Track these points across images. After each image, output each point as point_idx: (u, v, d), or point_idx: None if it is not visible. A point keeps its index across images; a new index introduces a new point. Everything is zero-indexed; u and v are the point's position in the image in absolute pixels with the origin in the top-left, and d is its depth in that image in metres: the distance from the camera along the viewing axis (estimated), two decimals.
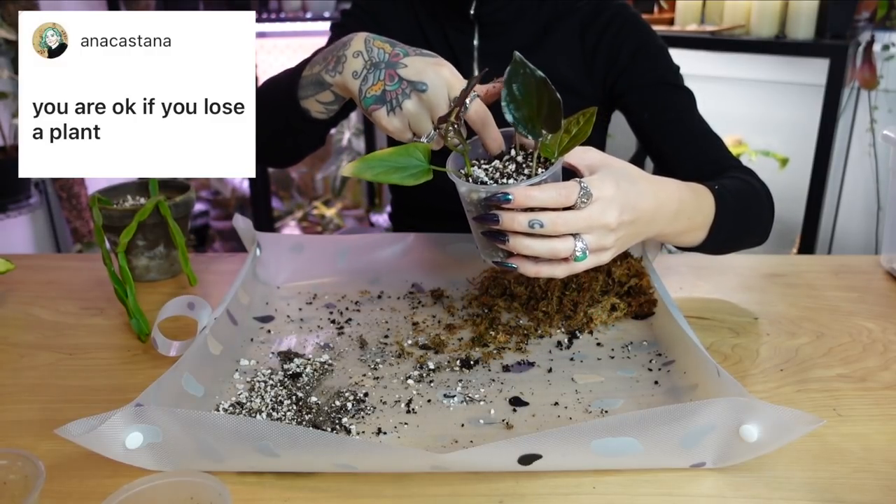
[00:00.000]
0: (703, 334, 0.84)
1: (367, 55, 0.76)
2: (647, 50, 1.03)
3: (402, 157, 0.69)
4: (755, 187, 0.90)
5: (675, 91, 1.01)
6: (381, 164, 0.68)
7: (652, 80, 1.01)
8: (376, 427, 0.67)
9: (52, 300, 0.94)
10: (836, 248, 2.56)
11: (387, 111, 0.73)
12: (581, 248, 0.65)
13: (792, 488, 0.59)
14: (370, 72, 0.75)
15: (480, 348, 0.80)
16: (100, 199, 0.96)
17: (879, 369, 0.77)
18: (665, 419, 0.57)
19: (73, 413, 0.63)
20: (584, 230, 0.65)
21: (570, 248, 0.65)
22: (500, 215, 0.64)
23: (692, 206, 0.77)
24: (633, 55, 1.02)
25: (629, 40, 1.03)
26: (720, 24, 2.31)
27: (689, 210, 0.76)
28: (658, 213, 0.71)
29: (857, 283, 0.97)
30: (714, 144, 0.98)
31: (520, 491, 0.59)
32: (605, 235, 0.66)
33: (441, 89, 0.71)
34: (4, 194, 2.14)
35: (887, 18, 2.31)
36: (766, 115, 2.58)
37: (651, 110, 1.01)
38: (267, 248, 0.95)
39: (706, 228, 0.80)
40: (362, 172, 0.68)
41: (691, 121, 1.00)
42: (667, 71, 1.02)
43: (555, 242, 0.65)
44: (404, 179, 0.68)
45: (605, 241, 0.66)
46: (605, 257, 0.68)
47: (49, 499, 0.58)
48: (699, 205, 0.78)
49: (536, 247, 0.65)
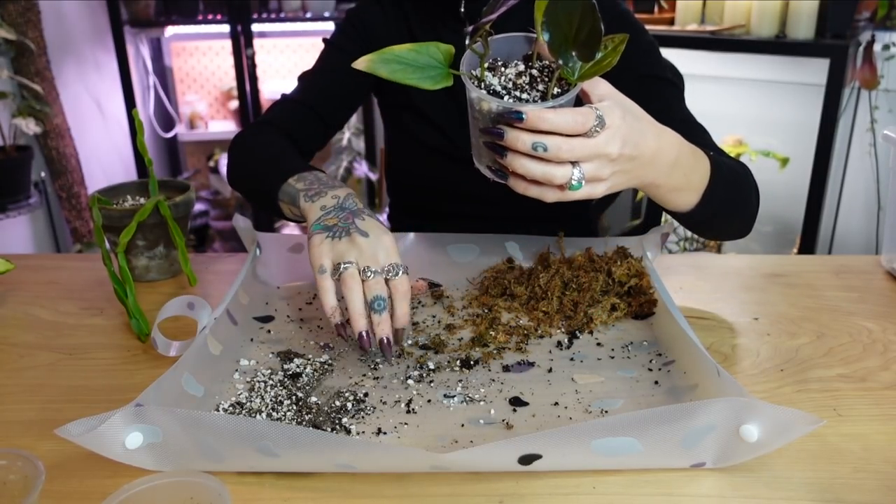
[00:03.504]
0: (703, 334, 0.84)
1: (342, 201, 0.80)
2: (634, 45, 1.02)
3: (422, 55, 0.64)
4: (746, 172, 0.90)
5: (660, 83, 1.01)
6: (399, 62, 0.64)
7: (639, 73, 1.01)
8: (376, 427, 0.67)
9: (52, 300, 0.94)
10: (836, 248, 2.56)
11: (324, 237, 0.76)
12: (578, 176, 0.64)
13: (792, 488, 0.59)
14: (335, 210, 0.79)
15: (480, 348, 0.80)
16: (100, 199, 0.96)
17: (879, 369, 0.77)
18: (665, 419, 0.57)
19: (73, 413, 0.63)
20: (586, 158, 0.64)
21: (567, 176, 0.64)
22: (507, 132, 0.63)
23: (689, 163, 0.76)
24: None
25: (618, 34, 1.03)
26: (720, 24, 2.31)
27: (685, 165, 0.75)
28: (657, 158, 0.71)
29: (858, 283, 0.97)
30: (699, 135, 0.97)
31: (520, 491, 0.59)
32: (603, 166, 0.66)
33: (376, 247, 0.75)
34: (4, 194, 2.14)
35: (888, 18, 2.31)
36: (766, 115, 2.58)
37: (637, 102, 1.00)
38: (267, 248, 0.95)
39: (699, 192, 0.79)
40: (377, 68, 0.63)
41: (676, 111, 0.99)
42: (654, 65, 1.02)
43: (553, 168, 0.64)
44: (422, 81, 0.64)
45: (602, 171, 0.66)
46: (599, 189, 0.67)
47: (49, 499, 0.58)
48: (696, 164, 0.78)
49: (534, 169, 0.64)
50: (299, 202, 0.83)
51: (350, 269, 0.73)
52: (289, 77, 3.28)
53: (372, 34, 1.09)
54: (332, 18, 2.89)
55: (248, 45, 2.78)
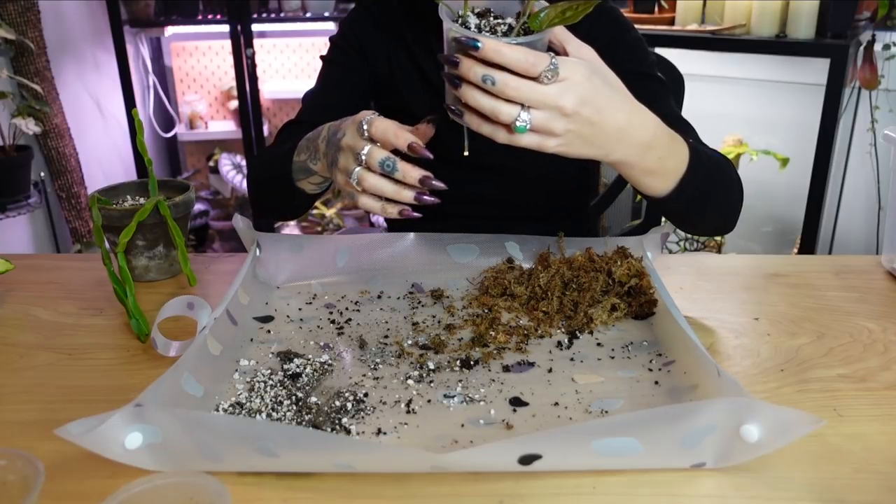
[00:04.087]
0: (703, 334, 0.84)
1: (329, 138, 0.82)
2: (620, 41, 1.02)
3: None
4: (728, 165, 0.89)
5: (647, 79, 1.00)
6: None
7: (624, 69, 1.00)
8: (376, 427, 0.67)
9: (52, 300, 0.94)
10: (836, 248, 2.56)
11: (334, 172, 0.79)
12: (525, 118, 0.65)
13: (792, 488, 0.59)
14: (329, 147, 0.81)
15: (480, 348, 0.80)
16: (99, 199, 0.96)
17: (880, 369, 0.77)
18: (665, 419, 0.57)
19: (72, 413, 0.63)
20: (533, 104, 0.65)
21: (514, 115, 0.65)
22: (461, 59, 0.65)
23: (666, 147, 0.76)
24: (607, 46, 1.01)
25: (603, 32, 1.01)
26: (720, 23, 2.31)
27: (661, 148, 0.75)
28: (627, 133, 0.71)
29: (858, 283, 0.97)
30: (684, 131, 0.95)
31: (520, 491, 0.59)
32: (555, 118, 0.66)
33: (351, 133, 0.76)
34: (4, 194, 2.14)
35: (888, 18, 2.31)
36: (766, 115, 2.58)
37: None
38: (267, 248, 0.95)
39: (676, 178, 0.78)
40: None
41: (661, 107, 0.97)
42: (640, 62, 1.01)
43: (501, 104, 0.65)
44: None
45: (554, 124, 0.67)
46: (550, 143, 0.68)
47: (49, 499, 0.58)
48: (673, 149, 0.77)
49: (481, 101, 0.66)
50: (310, 167, 0.87)
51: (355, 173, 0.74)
52: (289, 77, 3.28)
53: (365, 47, 1.09)
54: (332, 18, 2.89)
55: (248, 44, 2.78)
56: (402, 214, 0.75)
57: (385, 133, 0.72)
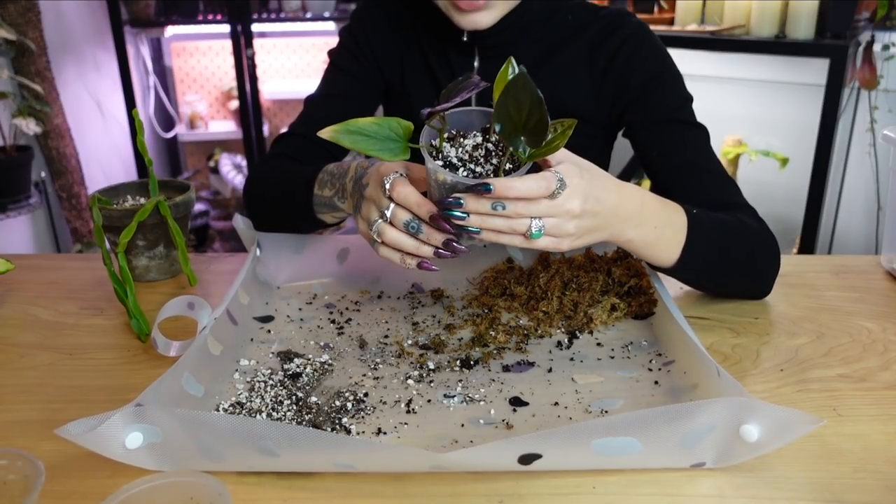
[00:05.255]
0: (703, 334, 0.84)
1: (356, 178, 0.82)
2: (660, 79, 0.98)
3: (383, 129, 0.69)
4: (748, 225, 0.86)
5: (687, 128, 0.96)
6: (361, 133, 0.69)
7: (663, 115, 0.97)
8: (376, 427, 0.67)
9: (52, 300, 0.94)
10: (836, 248, 2.56)
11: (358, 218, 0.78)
12: (538, 226, 0.68)
13: (792, 488, 0.59)
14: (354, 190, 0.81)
15: (480, 348, 0.80)
16: (100, 199, 0.96)
17: (879, 369, 0.77)
18: (665, 419, 0.57)
19: (73, 413, 0.63)
20: (543, 215, 0.68)
21: (527, 226, 0.68)
22: (467, 199, 0.66)
23: (658, 214, 0.77)
24: (645, 84, 0.98)
25: (642, 68, 0.98)
26: (720, 24, 2.31)
27: (653, 217, 0.76)
28: (620, 209, 0.73)
29: (858, 283, 0.97)
30: (722, 184, 0.93)
31: (520, 491, 0.59)
32: (566, 221, 0.69)
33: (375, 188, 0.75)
34: (4, 194, 2.14)
35: (887, 18, 2.31)
36: (766, 115, 2.58)
37: (660, 149, 0.96)
38: (267, 248, 0.95)
39: (679, 246, 0.79)
40: (340, 138, 0.68)
41: (702, 160, 0.95)
42: (680, 106, 0.97)
43: (513, 221, 0.68)
44: (381, 153, 0.69)
45: (566, 226, 0.69)
46: (565, 244, 0.70)
47: (49, 499, 0.58)
48: (667, 217, 0.78)
49: (497, 223, 0.68)
50: (338, 205, 0.88)
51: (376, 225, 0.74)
52: (289, 77, 3.28)
53: (376, 49, 1.06)
54: (333, 18, 2.89)
55: (248, 45, 2.78)
56: (422, 267, 0.74)
57: (406, 201, 0.71)
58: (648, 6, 2.49)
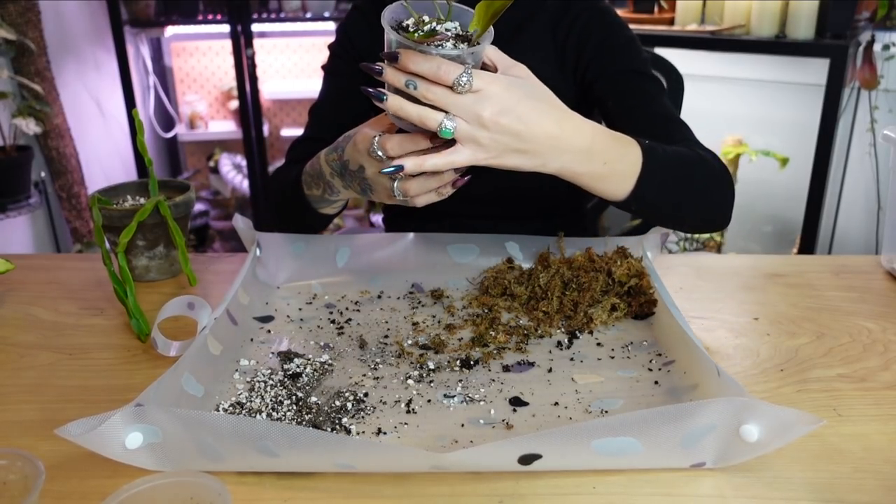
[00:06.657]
0: (703, 334, 0.84)
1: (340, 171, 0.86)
2: (614, 40, 1.03)
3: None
4: (705, 158, 0.87)
5: (640, 77, 1.00)
6: None
7: (616, 67, 1.01)
8: (376, 427, 0.67)
9: (52, 300, 0.94)
10: (836, 248, 2.56)
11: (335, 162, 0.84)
12: (448, 125, 0.68)
13: (792, 488, 0.59)
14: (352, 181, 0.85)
15: (480, 348, 0.80)
16: (100, 199, 0.96)
17: (880, 369, 0.77)
18: (665, 419, 0.57)
19: (73, 413, 0.63)
20: (453, 110, 0.68)
21: (437, 121, 0.68)
22: (385, 68, 0.68)
23: (611, 150, 0.76)
24: (600, 45, 1.02)
25: (596, 31, 1.03)
26: (720, 24, 2.31)
27: (605, 153, 0.75)
28: (561, 141, 0.72)
29: (858, 283, 0.97)
30: (677, 129, 0.96)
31: (520, 491, 0.59)
32: (477, 129, 0.69)
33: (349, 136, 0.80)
34: (4, 194, 2.14)
35: (887, 18, 2.31)
36: (766, 115, 2.58)
37: (615, 97, 1.00)
38: (267, 248, 0.95)
39: (631, 180, 0.78)
40: None
41: (655, 105, 0.98)
42: (633, 59, 1.01)
43: (426, 109, 0.68)
44: None
45: (477, 134, 0.69)
46: (480, 155, 0.71)
47: (49, 499, 0.58)
48: (621, 151, 0.77)
49: (409, 108, 0.69)
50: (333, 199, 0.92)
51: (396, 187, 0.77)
52: (289, 77, 3.28)
53: (363, 54, 1.09)
54: (332, 18, 2.89)
55: (248, 45, 2.78)
56: (455, 186, 0.78)
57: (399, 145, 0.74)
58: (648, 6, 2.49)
